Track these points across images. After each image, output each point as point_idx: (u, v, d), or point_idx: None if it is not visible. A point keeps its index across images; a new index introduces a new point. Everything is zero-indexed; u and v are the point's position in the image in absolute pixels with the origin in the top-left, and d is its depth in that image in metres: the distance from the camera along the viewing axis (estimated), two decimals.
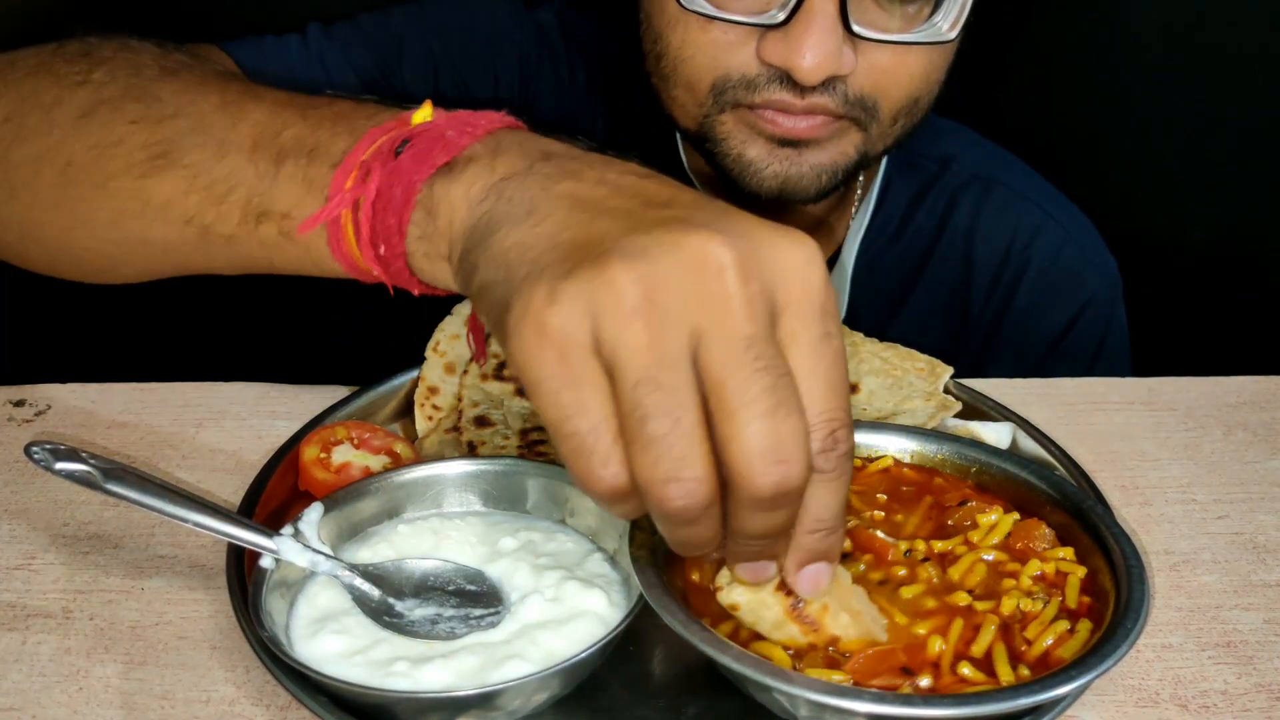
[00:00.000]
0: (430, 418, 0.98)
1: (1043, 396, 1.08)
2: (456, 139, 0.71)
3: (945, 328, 1.33)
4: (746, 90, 1.05)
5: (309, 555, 0.76)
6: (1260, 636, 0.81)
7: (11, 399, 1.05)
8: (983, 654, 0.69)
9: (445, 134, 0.71)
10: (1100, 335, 1.34)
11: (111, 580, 0.84)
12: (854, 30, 1.00)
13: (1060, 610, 0.72)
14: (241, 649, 0.77)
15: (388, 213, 0.71)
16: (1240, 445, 1.02)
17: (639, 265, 0.57)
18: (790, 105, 1.04)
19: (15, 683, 0.75)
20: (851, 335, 1.05)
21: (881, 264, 1.33)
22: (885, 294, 1.33)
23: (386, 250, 0.72)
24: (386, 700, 0.68)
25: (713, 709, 0.73)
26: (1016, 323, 1.33)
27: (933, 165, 1.34)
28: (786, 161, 1.09)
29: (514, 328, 0.59)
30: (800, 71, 1.00)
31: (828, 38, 0.98)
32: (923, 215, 1.33)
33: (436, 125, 0.72)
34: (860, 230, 1.32)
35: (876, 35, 1.02)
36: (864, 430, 0.87)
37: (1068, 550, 0.76)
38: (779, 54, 1.01)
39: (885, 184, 1.33)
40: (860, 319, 1.12)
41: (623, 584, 0.78)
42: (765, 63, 1.03)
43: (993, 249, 1.32)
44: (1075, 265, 1.33)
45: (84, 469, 0.75)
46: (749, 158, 1.09)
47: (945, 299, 1.34)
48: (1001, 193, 1.33)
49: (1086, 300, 1.33)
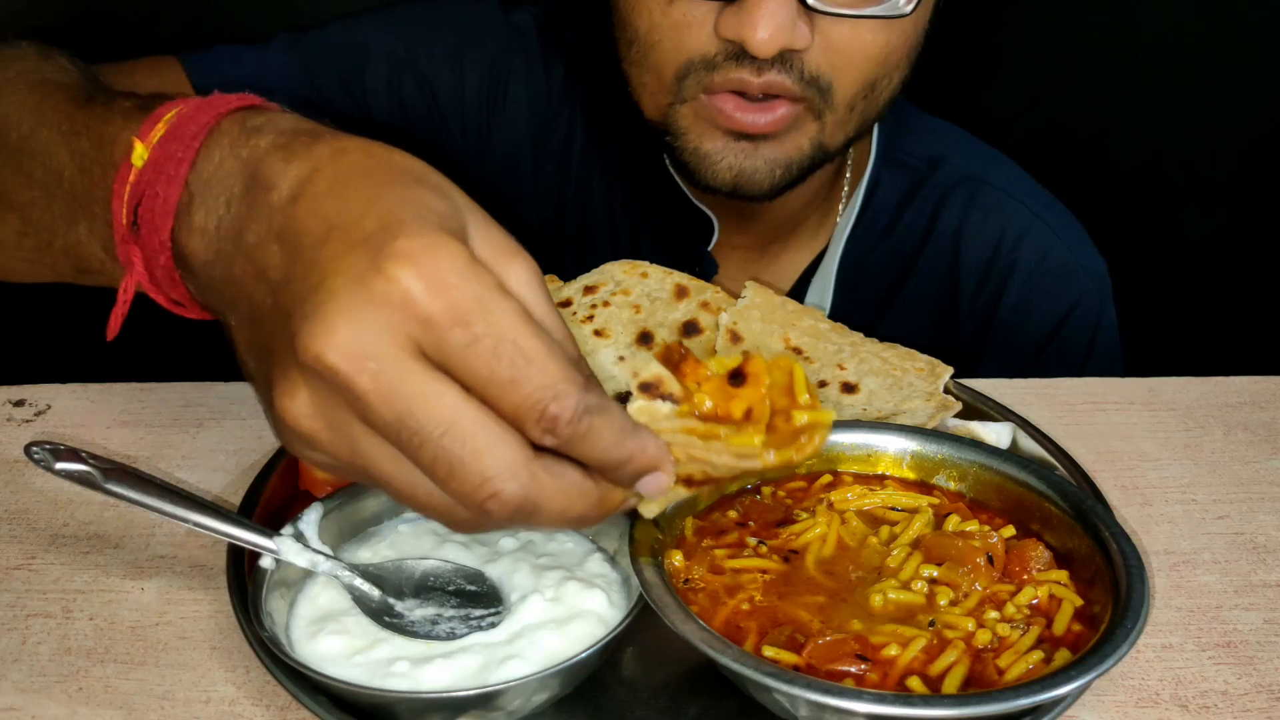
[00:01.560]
0: None
1: (1043, 396, 1.08)
2: (166, 194, 0.67)
3: (933, 328, 1.33)
4: (708, 71, 1.07)
5: (309, 555, 0.76)
6: (1260, 636, 0.81)
7: (11, 399, 1.05)
8: (938, 674, 0.69)
9: (157, 192, 0.68)
10: (1090, 335, 1.34)
11: (111, 580, 0.84)
12: (808, 3, 1.01)
13: (1040, 640, 0.71)
14: (241, 649, 0.77)
15: (155, 270, 0.70)
16: (1240, 445, 1.02)
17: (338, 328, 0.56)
18: (747, 84, 1.05)
19: (15, 683, 0.75)
20: (851, 335, 1.05)
21: (868, 263, 1.33)
22: (872, 293, 1.33)
23: (178, 296, 0.72)
24: (386, 700, 0.68)
25: (713, 709, 0.73)
26: (1005, 323, 1.33)
27: (921, 165, 1.34)
28: (741, 155, 1.10)
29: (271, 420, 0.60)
30: (754, 43, 1.01)
31: (780, 10, 1.00)
32: (911, 215, 1.33)
33: (149, 170, 0.69)
34: (847, 229, 1.32)
35: (831, 8, 1.03)
36: (864, 430, 0.87)
37: (1062, 574, 0.76)
38: (733, 27, 1.03)
39: (873, 183, 1.33)
40: (847, 319, 1.13)
41: (623, 584, 0.78)
42: (722, 38, 1.04)
43: (980, 249, 1.32)
44: (1063, 265, 1.33)
45: (84, 469, 0.75)
46: (705, 150, 1.11)
47: (933, 299, 1.34)
48: (990, 193, 1.33)
49: (1075, 300, 1.33)
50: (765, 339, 1.03)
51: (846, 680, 0.67)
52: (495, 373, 0.58)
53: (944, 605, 0.73)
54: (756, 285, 1.07)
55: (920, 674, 0.68)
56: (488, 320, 0.58)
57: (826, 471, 0.86)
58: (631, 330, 1.04)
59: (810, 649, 0.69)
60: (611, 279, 1.07)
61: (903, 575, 0.76)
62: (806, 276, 1.34)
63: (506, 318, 0.58)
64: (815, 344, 1.03)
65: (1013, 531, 0.80)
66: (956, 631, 0.71)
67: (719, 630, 0.70)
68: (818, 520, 0.80)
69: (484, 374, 0.58)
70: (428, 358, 0.58)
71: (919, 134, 1.35)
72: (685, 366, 0.68)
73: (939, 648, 0.70)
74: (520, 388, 0.58)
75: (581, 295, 1.06)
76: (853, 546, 0.79)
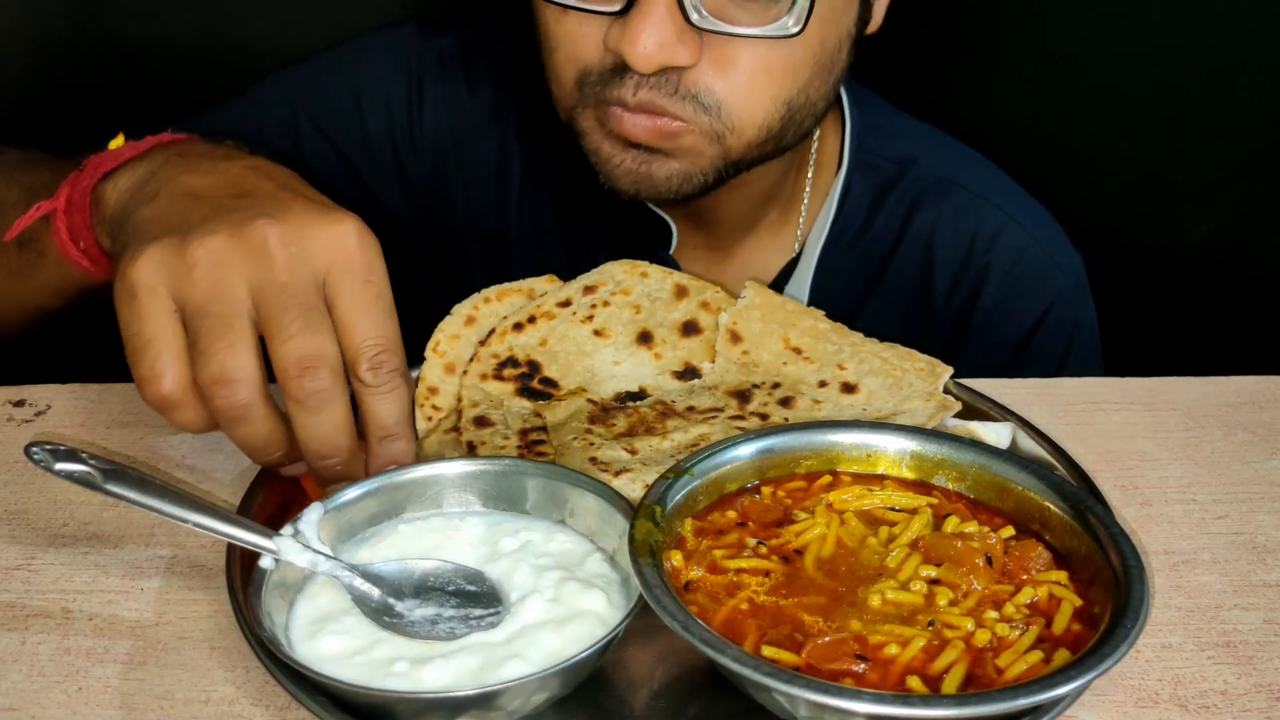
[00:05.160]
0: (430, 418, 0.98)
1: (1043, 396, 1.08)
2: (121, 154, 0.95)
3: (907, 332, 1.33)
4: (600, 85, 1.08)
5: (309, 555, 0.76)
6: (1260, 636, 0.81)
7: (11, 399, 1.05)
8: (938, 673, 0.69)
9: (118, 153, 0.95)
10: (1069, 334, 1.34)
11: (111, 580, 0.84)
12: (691, 20, 1.01)
13: (1039, 639, 0.71)
14: (241, 649, 0.77)
15: (74, 213, 0.95)
16: (1240, 445, 1.02)
17: (207, 240, 0.79)
18: (625, 102, 1.06)
19: (15, 683, 0.75)
20: (851, 335, 1.05)
21: (841, 267, 1.33)
22: (846, 298, 1.33)
23: (85, 244, 0.96)
24: (386, 700, 0.68)
25: (713, 709, 0.73)
26: (982, 325, 1.33)
27: (891, 167, 1.33)
28: (636, 162, 1.11)
29: (115, 281, 0.80)
30: (632, 57, 1.02)
31: (661, 25, 1.01)
32: (884, 218, 1.33)
33: (119, 149, 0.96)
34: (822, 234, 1.32)
35: (716, 27, 1.03)
36: (864, 430, 0.87)
37: (1061, 574, 0.76)
38: (614, 40, 1.04)
39: (846, 186, 1.32)
40: None
41: (622, 584, 0.78)
42: (609, 49, 1.05)
43: (952, 252, 1.32)
44: (1039, 266, 1.33)
45: (84, 469, 0.75)
46: (604, 154, 1.13)
47: (907, 303, 1.34)
48: (962, 195, 1.33)
49: (1052, 300, 1.33)
50: (765, 339, 1.03)
51: (846, 680, 0.67)
52: (373, 312, 0.81)
53: (943, 605, 0.73)
54: (757, 285, 1.07)
55: (920, 674, 0.68)
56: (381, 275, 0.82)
57: (826, 472, 0.86)
58: (631, 330, 1.04)
59: (810, 649, 0.69)
60: (611, 279, 1.07)
61: (902, 575, 0.76)
62: (781, 281, 1.34)
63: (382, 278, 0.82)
64: (815, 344, 1.03)
65: (1012, 532, 0.80)
66: (956, 631, 0.71)
67: (719, 630, 0.70)
68: (817, 520, 0.80)
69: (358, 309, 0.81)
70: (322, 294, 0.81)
71: (890, 135, 1.35)
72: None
73: (938, 648, 0.70)
74: (382, 325, 0.81)
75: (581, 295, 1.06)
76: (852, 547, 0.79)
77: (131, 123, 1.04)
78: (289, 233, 0.80)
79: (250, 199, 0.85)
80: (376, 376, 0.81)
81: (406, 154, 1.33)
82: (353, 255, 0.81)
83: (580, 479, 0.83)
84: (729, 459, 0.84)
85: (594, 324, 1.04)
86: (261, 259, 0.79)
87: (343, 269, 0.81)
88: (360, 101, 1.32)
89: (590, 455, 0.89)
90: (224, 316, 0.78)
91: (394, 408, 0.83)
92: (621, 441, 0.92)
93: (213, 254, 0.78)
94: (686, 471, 0.81)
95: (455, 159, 1.34)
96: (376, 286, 0.82)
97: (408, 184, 1.34)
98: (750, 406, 0.97)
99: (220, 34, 1.66)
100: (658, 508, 0.77)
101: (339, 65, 1.34)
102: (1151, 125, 1.70)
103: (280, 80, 1.34)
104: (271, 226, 0.80)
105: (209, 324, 0.78)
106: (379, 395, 0.82)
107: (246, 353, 0.78)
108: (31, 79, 1.68)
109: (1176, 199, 1.76)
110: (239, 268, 0.79)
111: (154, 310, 0.79)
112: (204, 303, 0.78)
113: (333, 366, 0.79)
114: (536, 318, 1.03)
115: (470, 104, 1.33)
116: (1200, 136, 1.70)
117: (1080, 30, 1.66)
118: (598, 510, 0.81)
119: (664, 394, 1.00)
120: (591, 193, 1.16)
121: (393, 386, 0.82)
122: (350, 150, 1.32)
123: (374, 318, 0.81)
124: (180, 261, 0.78)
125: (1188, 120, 1.69)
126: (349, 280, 0.81)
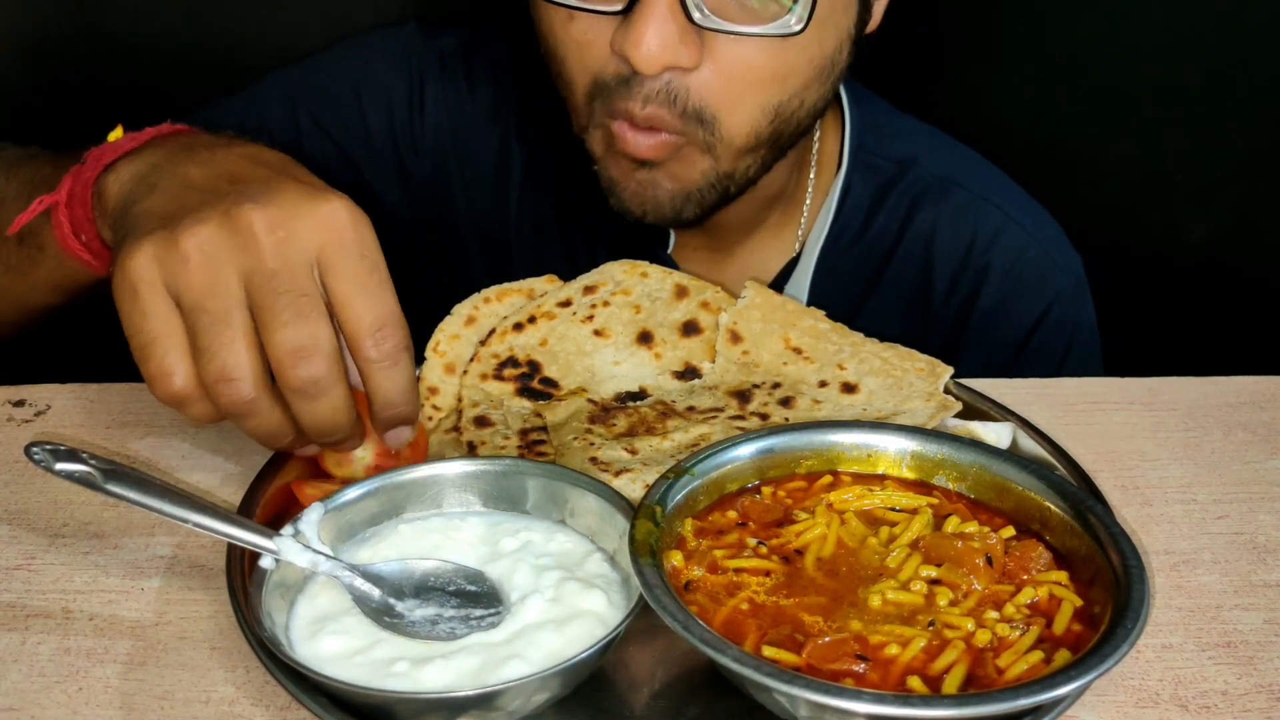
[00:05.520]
0: (430, 418, 0.98)
1: (1043, 396, 1.08)
2: (122, 145, 0.94)
3: (907, 332, 1.33)
4: (611, 96, 1.07)
5: (309, 555, 0.76)
6: (1260, 636, 0.81)
7: (11, 399, 1.05)
8: (938, 673, 0.68)
9: (118, 144, 0.94)
10: (1068, 334, 1.34)
11: (111, 580, 0.84)
12: (694, 19, 1.01)
13: (1040, 639, 0.71)
14: (241, 649, 0.77)
15: (76, 206, 0.94)
16: (1240, 445, 1.02)
17: (197, 230, 0.78)
18: (633, 115, 1.06)
19: (15, 683, 0.75)
20: (851, 335, 1.05)
21: (841, 268, 1.33)
22: (846, 298, 1.33)
23: (87, 237, 0.95)
24: (386, 700, 0.68)
25: (713, 709, 0.73)
26: (982, 326, 1.33)
27: (890, 167, 1.33)
28: (641, 185, 1.12)
29: (113, 275, 0.80)
30: (636, 57, 1.01)
31: (665, 25, 1.00)
32: (883, 219, 1.33)
33: (119, 141, 0.96)
34: (822, 234, 1.32)
35: (718, 25, 1.03)
36: (864, 430, 0.87)
37: (1061, 574, 0.76)
38: (619, 41, 1.03)
39: (845, 187, 1.32)
40: None
41: (622, 584, 0.78)
42: (615, 53, 1.05)
43: (951, 253, 1.32)
44: (1038, 266, 1.33)
45: (84, 469, 0.75)
46: (613, 177, 1.13)
47: (906, 303, 1.34)
48: (962, 195, 1.33)
49: (1052, 300, 1.33)
50: (765, 339, 1.03)
51: (846, 680, 0.67)
52: (370, 288, 0.80)
53: (944, 605, 0.73)
54: (757, 285, 1.07)
55: (920, 674, 0.68)
56: (376, 251, 0.82)
57: (826, 472, 0.86)
58: (631, 330, 1.04)
59: (810, 649, 0.69)
60: (611, 279, 1.07)
61: (902, 576, 0.76)
62: (781, 281, 1.34)
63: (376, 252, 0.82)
64: (815, 344, 1.03)
65: (1012, 532, 0.80)
66: (956, 631, 0.71)
67: (719, 630, 0.70)
68: (817, 520, 0.80)
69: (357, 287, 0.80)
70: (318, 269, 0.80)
71: (890, 135, 1.35)
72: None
73: (939, 648, 0.70)
74: (380, 299, 0.81)
75: (581, 295, 1.06)
76: (852, 547, 0.79)
77: (130, 120, 1.04)
78: (278, 217, 0.80)
79: (242, 185, 0.84)
80: (380, 351, 0.81)
81: (407, 153, 1.33)
82: (344, 233, 0.81)
83: (580, 479, 0.83)
84: (729, 459, 0.84)
85: (594, 324, 1.04)
86: (250, 246, 0.79)
87: (335, 248, 0.80)
88: (361, 99, 1.32)
89: (590, 455, 0.89)
90: (220, 312, 0.78)
91: (399, 381, 0.83)
92: (622, 441, 0.92)
93: (203, 245, 0.78)
94: (687, 471, 0.81)
95: (456, 159, 1.34)
96: (370, 260, 0.81)
97: (408, 183, 1.34)
98: (750, 406, 0.97)
99: (219, 32, 1.66)
100: (658, 508, 0.77)
101: (340, 62, 1.34)
102: (1151, 125, 1.70)
103: (281, 77, 1.34)
104: (258, 212, 0.79)
105: (206, 321, 0.78)
106: (384, 370, 0.82)
107: (245, 349, 0.78)
108: (30, 76, 1.68)
109: (1176, 199, 1.76)
110: (229, 257, 0.78)
111: (155, 306, 0.78)
112: (200, 298, 0.78)
113: (326, 352, 0.79)
114: (537, 318, 1.03)
115: (471, 104, 1.33)
116: (1200, 136, 1.70)
117: (1080, 30, 1.66)
118: (598, 510, 0.81)
119: (664, 394, 1.00)
120: (591, 193, 1.17)
121: (396, 360, 0.82)
122: (351, 148, 1.32)
123: (371, 292, 0.81)
124: (173, 254, 0.78)
125: (1188, 120, 1.69)
126: (342, 258, 0.80)
